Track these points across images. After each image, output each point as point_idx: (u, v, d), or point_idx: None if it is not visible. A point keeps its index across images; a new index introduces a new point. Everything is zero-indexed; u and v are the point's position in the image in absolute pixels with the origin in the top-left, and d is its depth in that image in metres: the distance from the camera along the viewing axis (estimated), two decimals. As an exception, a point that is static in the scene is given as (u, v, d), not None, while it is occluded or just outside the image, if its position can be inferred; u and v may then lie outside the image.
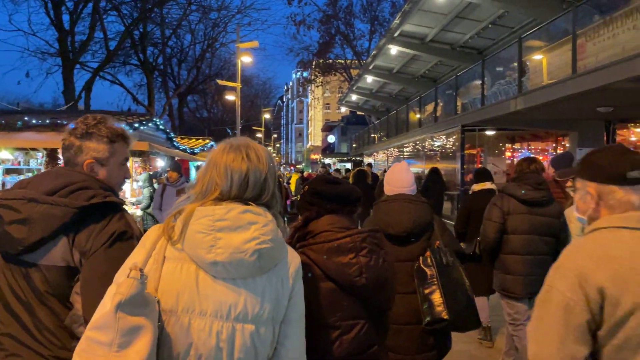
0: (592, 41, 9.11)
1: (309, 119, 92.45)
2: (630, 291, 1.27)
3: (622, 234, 1.34)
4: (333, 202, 1.75)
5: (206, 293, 1.23)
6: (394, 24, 15.72)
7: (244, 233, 1.24)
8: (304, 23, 35.67)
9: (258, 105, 48.92)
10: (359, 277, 1.59)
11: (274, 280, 1.29)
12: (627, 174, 1.37)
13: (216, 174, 1.33)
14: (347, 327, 1.61)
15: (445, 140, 13.64)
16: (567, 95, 7.37)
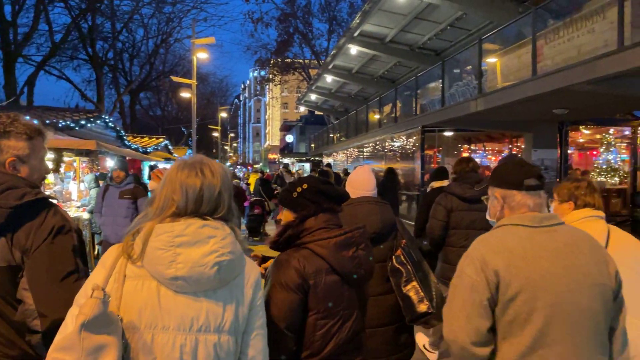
0: (548, 44, 9.29)
1: (267, 119, 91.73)
2: (519, 275, 1.55)
3: (517, 229, 1.63)
4: (331, 201, 1.84)
5: (168, 308, 1.27)
6: (353, 23, 15.63)
7: (203, 247, 1.29)
8: (262, 21, 35.19)
9: (214, 103, 47.91)
10: (359, 269, 1.74)
11: (235, 292, 1.34)
12: (524, 181, 1.67)
13: (172, 191, 1.37)
14: (346, 315, 1.73)
15: (405, 141, 13.65)
16: (526, 97, 7.42)
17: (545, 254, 1.57)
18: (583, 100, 7.70)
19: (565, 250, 1.59)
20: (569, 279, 1.55)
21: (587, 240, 1.65)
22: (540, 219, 1.63)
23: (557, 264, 1.56)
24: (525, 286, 1.54)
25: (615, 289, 1.61)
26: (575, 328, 1.54)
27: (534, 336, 1.53)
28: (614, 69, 5.61)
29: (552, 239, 1.60)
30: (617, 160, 13.27)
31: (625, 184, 13.07)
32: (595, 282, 1.57)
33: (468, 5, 11.62)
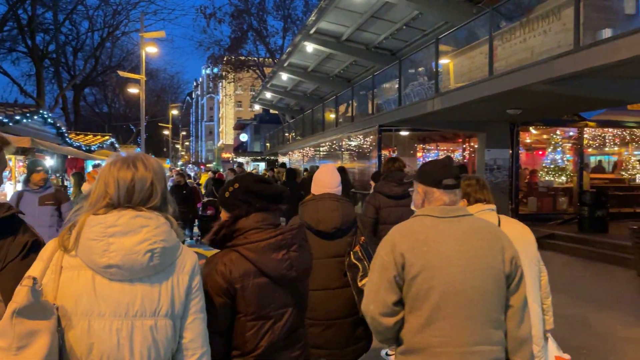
0: (502, 45, 9.42)
1: (220, 117, 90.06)
2: (420, 257, 1.76)
3: (425, 219, 1.85)
4: (264, 201, 1.82)
5: (104, 295, 1.32)
6: (309, 20, 15.41)
7: (136, 236, 1.35)
8: (215, 16, 34.35)
9: (165, 100, 46.36)
10: (290, 271, 1.75)
11: (170, 278, 1.39)
12: (442, 181, 1.87)
13: (105, 184, 1.43)
14: (278, 315, 1.74)
15: (362, 140, 13.58)
16: (483, 96, 7.46)
17: (444, 240, 1.80)
18: (537, 100, 7.82)
19: (463, 237, 1.81)
20: (463, 262, 1.77)
21: (487, 229, 1.87)
22: (447, 210, 1.86)
23: (454, 249, 1.79)
24: (425, 266, 1.77)
25: (509, 273, 1.81)
26: (467, 304, 1.75)
27: (431, 310, 1.76)
28: (570, 69, 5.66)
29: (453, 227, 1.83)
30: (563, 160, 13.75)
31: (571, 183, 13.57)
32: (488, 265, 1.78)
33: (424, 4, 11.65)
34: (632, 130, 13.03)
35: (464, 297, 1.76)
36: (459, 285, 1.76)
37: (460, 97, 8.20)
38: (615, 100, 7.94)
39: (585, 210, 10.76)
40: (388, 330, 1.83)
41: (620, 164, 14.90)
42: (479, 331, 1.76)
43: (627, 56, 4.77)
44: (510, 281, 1.83)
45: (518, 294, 1.84)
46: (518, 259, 1.86)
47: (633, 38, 4.75)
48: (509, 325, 1.83)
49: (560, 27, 7.80)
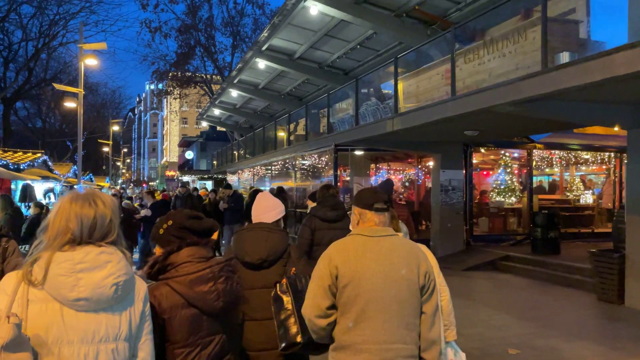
0: (459, 67, 9.39)
1: (164, 134, 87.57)
2: (350, 269, 2.13)
3: (357, 237, 2.22)
4: (195, 236, 1.95)
5: (72, 325, 1.48)
6: (261, 37, 14.99)
7: (102, 271, 1.52)
8: (160, 31, 33.26)
9: (106, 116, 44.21)
10: (217, 301, 1.88)
11: (128, 306, 1.58)
12: (374, 205, 2.24)
13: (66, 220, 1.55)
14: (205, 343, 1.87)
15: (317, 159, 13.19)
16: (446, 117, 7.27)
17: (370, 255, 2.14)
18: (497, 122, 7.75)
19: (385, 254, 2.15)
20: (383, 274, 2.10)
21: (406, 247, 2.22)
22: (375, 231, 2.21)
23: (377, 263, 2.12)
24: (353, 277, 2.09)
25: (423, 285, 2.15)
26: (385, 309, 2.08)
27: (357, 313, 2.09)
28: (538, 90, 5.55)
29: (378, 245, 2.16)
30: (512, 181, 13.98)
31: (520, 204, 13.80)
32: (403, 277, 2.11)
33: (379, 24, 11.55)
34: (576, 152, 13.46)
35: (382, 304, 2.10)
36: (379, 294, 2.10)
37: (422, 117, 8.00)
38: (573, 124, 8.02)
39: (538, 232, 10.85)
40: (321, 329, 2.17)
41: (561, 184, 15.41)
42: (395, 332, 2.10)
43: (600, 78, 4.67)
44: (424, 292, 2.18)
45: (430, 302, 2.19)
46: (432, 273, 2.22)
47: (604, 60, 4.65)
48: (422, 328, 2.17)
49: (518, 49, 7.81)
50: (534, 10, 8.71)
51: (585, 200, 14.60)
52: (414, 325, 2.15)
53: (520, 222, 13.63)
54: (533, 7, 8.77)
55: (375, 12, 11.41)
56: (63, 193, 13.37)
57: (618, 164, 13.73)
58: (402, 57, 9.78)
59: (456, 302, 7.73)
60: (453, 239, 11.79)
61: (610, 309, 7.14)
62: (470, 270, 10.32)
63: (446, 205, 11.79)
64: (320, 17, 12.52)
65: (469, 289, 8.71)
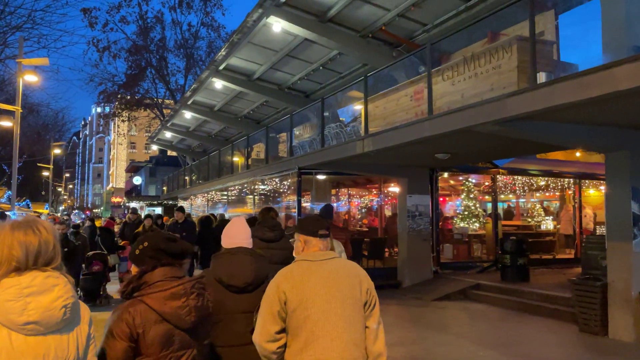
0: (428, 88, 9.10)
1: (111, 159, 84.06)
2: (298, 294, 2.27)
3: (302, 263, 2.38)
4: (169, 257, 2.06)
5: (21, 350, 1.49)
6: (219, 55, 14.33)
7: (50, 294, 1.54)
8: (109, 51, 31.88)
9: (47, 139, 41.57)
10: (189, 316, 1.98)
11: (75, 329, 1.62)
12: (318, 232, 2.43)
13: (9, 247, 1.56)
14: (177, 357, 1.96)
15: (278, 184, 12.49)
16: (422, 137, 6.85)
17: (315, 279, 2.30)
18: (474, 144, 7.40)
19: (329, 276, 2.32)
20: (328, 295, 2.28)
21: (347, 268, 2.40)
22: (318, 255, 2.39)
23: (322, 285, 2.29)
24: (301, 301, 2.26)
25: (365, 301, 2.35)
26: (333, 328, 2.26)
27: (307, 335, 2.25)
28: (528, 108, 5.18)
29: (322, 269, 2.34)
30: (475, 207, 13.81)
31: (483, 230, 13.61)
32: (347, 296, 2.31)
33: (345, 44, 11.20)
34: (537, 178, 13.49)
35: (330, 323, 2.24)
36: (326, 314, 2.25)
37: (395, 138, 7.55)
38: (556, 146, 7.77)
39: (506, 258, 10.57)
40: (272, 353, 2.29)
41: (517, 210, 15.43)
42: (344, 348, 2.24)
43: (598, 93, 4.32)
44: (367, 307, 2.35)
45: (373, 317, 2.36)
46: (372, 289, 2.37)
47: (603, 74, 4.32)
48: (367, 342, 2.33)
49: (491, 70, 7.55)
50: (500, 34, 8.61)
51: (546, 227, 14.64)
52: (361, 340, 2.30)
53: (485, 249, 13.41)
54: (502, 29, 8.68)
55: (340, 32, 11.06)
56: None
57: (577, 189, 13.87)
58: (371, 75, 9.37)
59: (436, 336, 7.22)
60: (420, 267, 11.32)
61: (595, 341, 6.77)
62: (441, 300, 9.83)
63: (413, 231, 11.35)
64: (282, 35, 12.05)
65: (444, 321, 8.17)
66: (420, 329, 7.50)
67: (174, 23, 33.75)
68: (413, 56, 10.53)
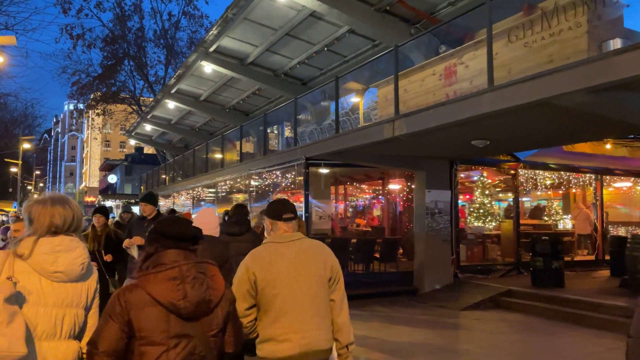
0: (464, 64, 7.86)
1: (84, 157, 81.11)
2: (266, 274, 2.45)
3: (270, 245, 2.57)
4: (171, 239, 2.03)
5: (48, 291, 1.98)
6: (210, 34, 12.87)
7: (73, 253, 2.06)
8: (83, 39, 29.82)
9: (16, 134, 39.08)
10: (183, 301, 1.91)
11: (87, 284, 2.12)
12: (282, 215, 2.59)
13: (52, 217, 2.08)
14: (173, 343, 1.91)
15: (280, 177, 11.08)
16: (478, 114, 5.58)
17: (282, 259, 2.50)
18: (534, 124, 6.16)
19: (295, 256, 2.51)
20: (295, 273, 2.47)
21: (313, 247, 2.59)
22: (285, 237, 2.57)
23: (289, 265, 2.48)
24: (269, 280, 2.45)
25: (330, 277, 2.54)
26: (300, 303, 2.46)
27: (276, 310, 2.45)
28: None
29: (288, 249, 2.52)
30: (491, 204, 12.69)
31: (499, 230, 12.48)
32: (313, 273, 2.50)
33: (357, 18, 9.90)
34: (560, 173, 12.42)
35: (297, 299, 2.45)
36: (293, 291, 2.45)
37: (438, 117, 6.26)
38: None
39: (539, 261, 9.40)
40: (244, 327, 2.43)
41: (539, 208, 14.37)
42: (309, 321, 2.47)
43: None
44: (332, 283, 2.57)
45: (337, 291, 2.58)
46: (336, 266, 2.60)
47: None
48: (332, 314, 2.56)
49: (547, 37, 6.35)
50: (536, 6, 7.41)
51: (564, 226, 13.61)
52: (326, 312, 2.53)
53: (500, 250, 12.28)
54: (538, 1, 7.49)
55: (353, 5, 9.75)
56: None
57: (599, 186, 12.86)
58: (402, 45, 8.07)
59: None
60: (440, 271, 10.08)
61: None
62: (470, 309, 8.58)
63: (432, 231, 10.10)
64: (286, 10, 10.71)
65: (486, 337, 6.90)
66: (464, 352, 6.23)
67: (153, 11, 31.92)
68: (432, 35, 9.35)
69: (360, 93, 12.36)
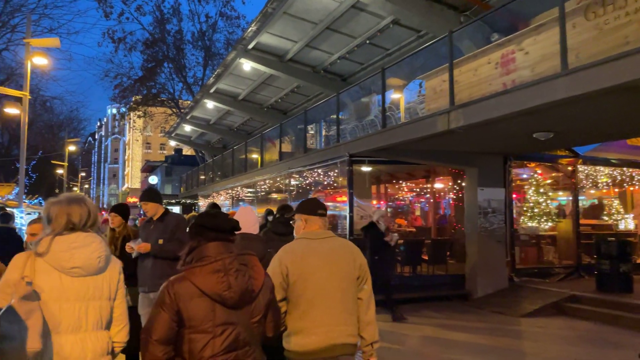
0: (524, 50, 7.24)
1: (126, 159, 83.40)
2: (297, 268, 2.53)
3: (302, 241, 2.66)
4: (211, 232, 2.13)
5: (68, 287, 2.06)
6: (249, 31, 12.65)
7: (89, 248, 2.13)
8: (124, 42, 30.43)
9: (62, 137, 40.30)
10: (228, 292, 2.03)
11: (107, 276, 2.19)
12: (317, 211, 2.71)
13: (69, 215, 2.16)
14: (218, 331, 2.03)
15: (321, 175, 10.69)
16: (551, 101, 5.01)
17: (314, 254, 2.58)
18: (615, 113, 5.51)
19: (327, 252, 2.60)
20: (326, 269, 2.55)
21: (343, 245, 2.69)
22: (317, 234, 2.66)
23: (321, 260, 2.57)
24: (301, 274, 2.52)
25: (358, 275, 2.64)
26: (329, 298, 2.53)
27: (306, 304, 2.52)
28: None
29: (320, 245, 2.62)
30: (547, 202, 11.87)
31: (555, 230, 11.67)
32: (343, 270, 2.59)
33: (403, 7, 9.37)
34: (622, 169, 11.50)
35: (327, 294, 2.53)
36: (323, 286, 2.53)
37: (502, 106, 5.70)
38: None
39: (605, 264, 8.65)
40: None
41: (598, 207, 13.40)
42: (338, 316, 2.54)
43: None
44: (360, 281, 2.65)
45: (365, 290, 2.66)
46: (365, 265, 2.69)
47: None
48: (359, 311, 2.63)
49: (623, 16, 5.68)
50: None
51: (625, 226, 12.63)
52: (353, 309, 2.60)
53: (557, 252, 11.47)
54: None
55: (399, -8, 9.24)
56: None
57: (666, 183, 11.84)
58: (457, 31, 7.54)
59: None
60: (494, 274, 9.44)
61: None
62: (531, 316, 7.93)
63: (485, 231, 9.47)
64: (326, 2, 10.33)
65: (558, 349, 6.26)
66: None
67: (191, 14, 32.26)
68: (482, 22, 8.73)
69: (399, 89, 11.85)
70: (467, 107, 6.31)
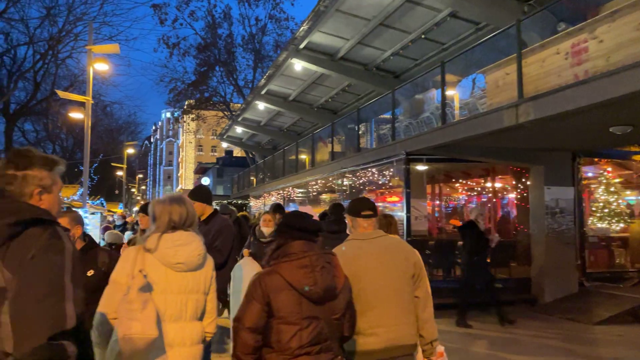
0: (598, 38, 6.71)
1: (180, 161, 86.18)
2: (350, 269, 2.43)
3: (353, 242, 2.66)
4: (298, 231, 2.26)
5: (172, 280, 2.27)
6: (300, 31, 12.58)
7: (190, 246, 2.33)
8: (178, 47, 31.33)
9: (121, 141, 42.08)
10: (314, 287, 2.15)
11: (204, 271, 2.39)
12: (361, 212, 2.68)
13: (170, 214, 2.36)
14: (305, 323, 2.14)
15: (376, 175, 10.44)
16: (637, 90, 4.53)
17: (366, 255, 2.58)
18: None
19: (380, 252, 2.60)
20: (380, 269, 2.55)
21: (396, 244, 2.70)
22: (368, 234, 2.65)
23: (374, 261, 2.56)
24: (354, 275, 2.44)
25: (413, 274, 2.62)
26: (386, 299, 2.53)
27: (362, 304, 2.45)
28: None
29: (372, 246, 2.61)
30: (618, 202, 11.06)
31: (627, 232, 10.85)
32: (398, 270, 2.58)
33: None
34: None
35: (383, 294, 2.53)
36: (378, 286, 2.52)
37: (579, 97, 5.27)
38: None
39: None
40: None
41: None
42: (396, 316, 2.53)
43: None
44: (415, 279, 2.64)
45: (421, 288, 2.65)
46: (419, 262, 2.68)
47: None
48: (417, 310, 2.62)
49: None
50: None
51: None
52: (410, 308, 2.58)
53: (634, 255, 10.65)
54: None
55: (457, -17, 8.87)
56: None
57: None
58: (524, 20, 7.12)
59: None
60: (563, 279, 8.86)
61: None
62: (606, 324, 7.35)
63: (553, 232, 8.90)
64: None
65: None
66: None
67: (241, 17, 32.77)
68: (548, 12, 8.21)
69: (453, 85, 11.40)
70: (538, 99, 5.90)
